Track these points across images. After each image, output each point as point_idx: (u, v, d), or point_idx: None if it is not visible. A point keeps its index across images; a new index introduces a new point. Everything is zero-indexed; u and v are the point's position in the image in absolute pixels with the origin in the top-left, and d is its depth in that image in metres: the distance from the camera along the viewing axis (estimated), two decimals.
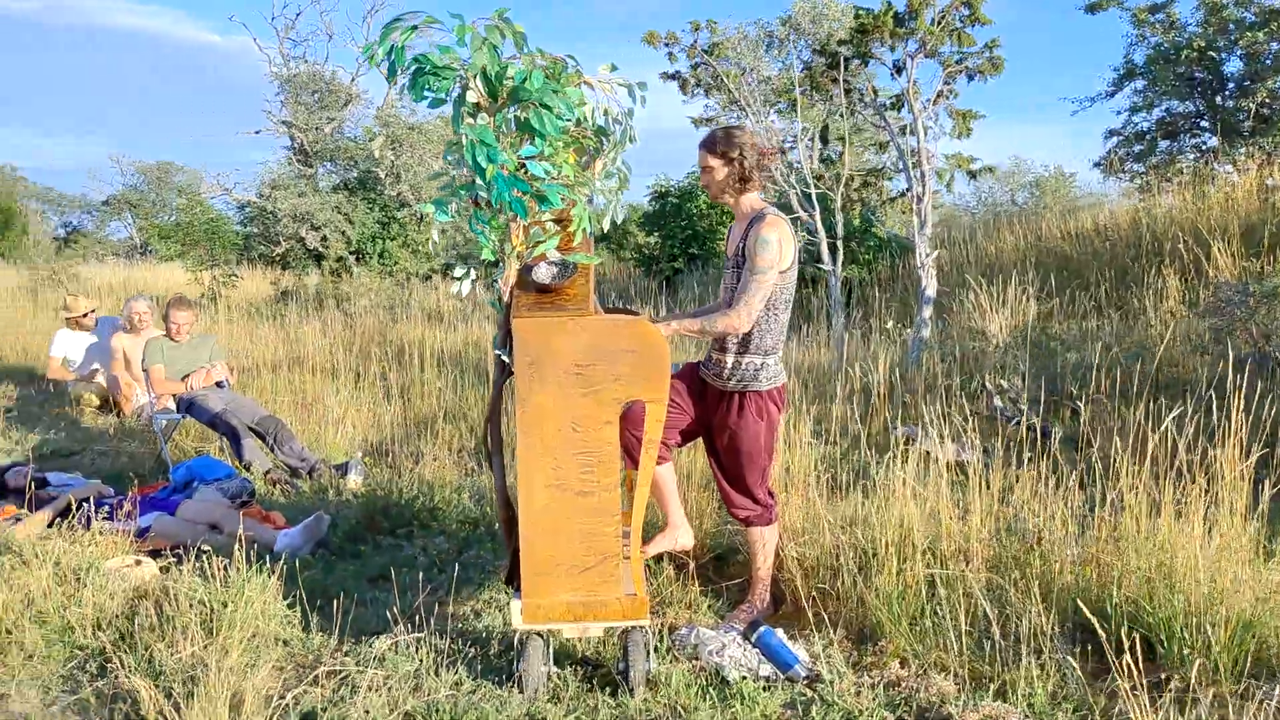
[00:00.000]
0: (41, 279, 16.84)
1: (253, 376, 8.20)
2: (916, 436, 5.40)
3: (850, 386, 6.61)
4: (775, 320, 3.72)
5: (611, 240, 21.89)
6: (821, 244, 9.02)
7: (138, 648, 3.57)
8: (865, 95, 10.31)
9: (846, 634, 3.66)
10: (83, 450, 6.88)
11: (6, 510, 5.15)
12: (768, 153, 3.84)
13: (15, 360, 10.05)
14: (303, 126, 20.61)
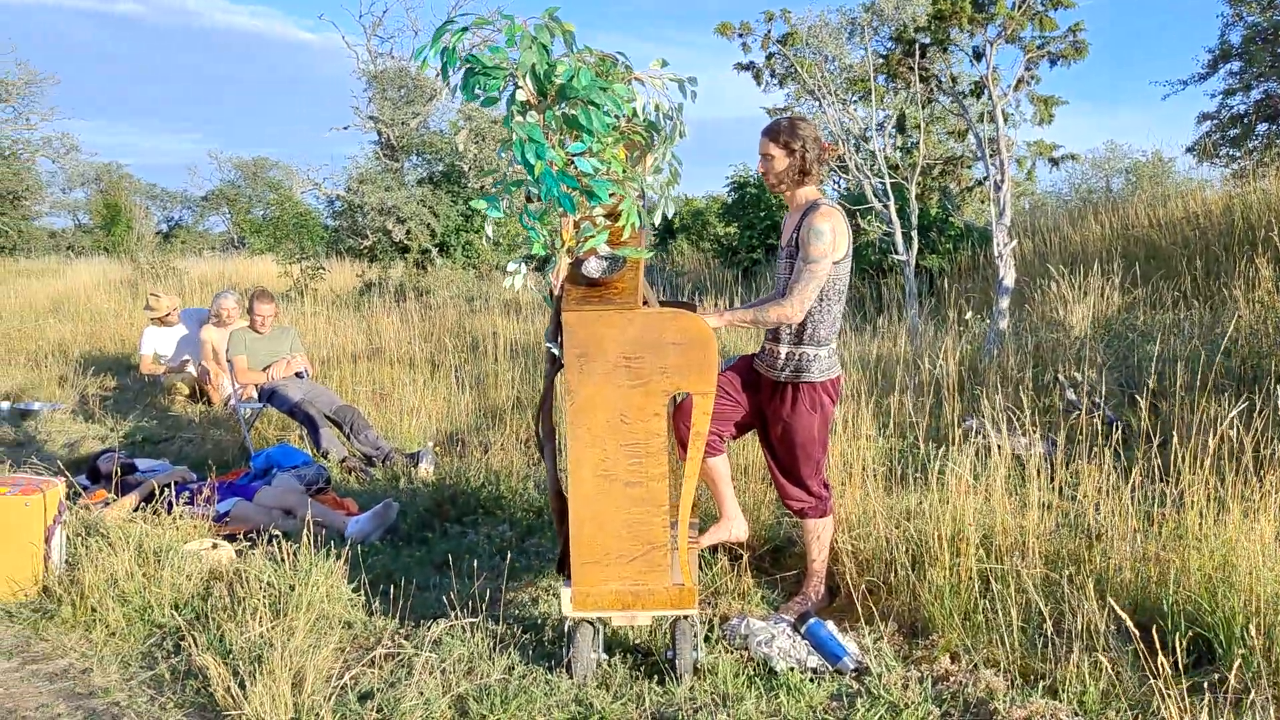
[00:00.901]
0: (141, 272, 17.52)
1: (333, 367, 8.44)
2: (984, 429, 5.33)
3: (919, 378, 6.53)
4: (829, 311, 3.72)
5: (691, 231, 21.90)
6: (896, 233, 8.91)
7: (210, 627, 3.74)
8: (944, 82, 10.14)
9: (898, 627, 3.65)
10: (172, 437, 7.17)
11: (97, 495, 5.42)
12: (828, 147, 3.83)
13: (114, 351, 10.50)
14: (389, 121, 21.02)
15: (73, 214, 39.67)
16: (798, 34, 9.70)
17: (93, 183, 39.07)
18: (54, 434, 7.33)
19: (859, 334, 8.77)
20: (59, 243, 35.16)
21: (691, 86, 3.41)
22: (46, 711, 3.32)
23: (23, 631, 3.99)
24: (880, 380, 6.75)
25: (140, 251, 22.56)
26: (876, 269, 12.05)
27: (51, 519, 4.40)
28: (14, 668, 3.68)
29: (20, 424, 7.61)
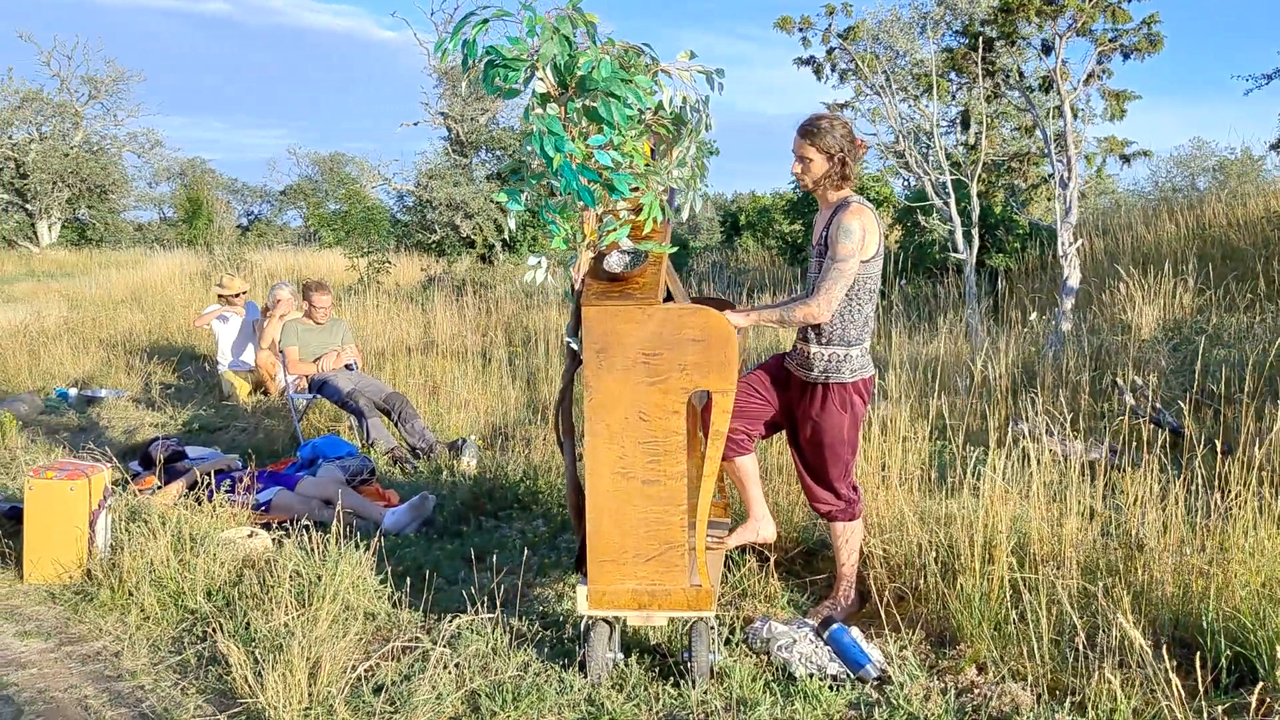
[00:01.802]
0: (216, 264, 17.95)
1: (387, 359, 8.53)
2: (1032, 434, 5.17)
3: (972, 379, 6.37)
4: (859, 311, 3.63)
5: (756, 228, 21.75)
6: (956, 232, 8.71)
7: (237, 614, 3.79)
8: (1010, 77, 9.89)
9: (926, 636, 3.55)
10: (226, 426, 7.31)
11: (147, 481, 5.53)
12: (861, 144, 3.74)
13: (180, 341, 10.76)
14: (458, 118, 21.21)
15: (158, 208, 40.83)
16: (860, 28, 9.53)
17: (177, 177, 40.12)
18: (115, 420, 7.53)
19: (913, 334, 8.59)
20: (145, 235, 36.18)
21: (719, 78, 3.35)
22: (75, 692, 3.39)
23: (63, 613, 4.09)
24: (929, 381, 6.60)
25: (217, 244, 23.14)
26: (939, 268, 11.81)
27: (96, 504, 4.50)
28: (51, 648, 3.77)
29: (85, 410, 7.83)
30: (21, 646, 3.78)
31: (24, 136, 31.73)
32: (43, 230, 31.74)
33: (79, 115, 32.74)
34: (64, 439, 6.88)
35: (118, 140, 34.02)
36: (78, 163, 30.95)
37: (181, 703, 3.28)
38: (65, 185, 31.01)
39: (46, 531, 4.41)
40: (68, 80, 32.61)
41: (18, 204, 31.86)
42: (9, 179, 31.37)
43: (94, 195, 32.05)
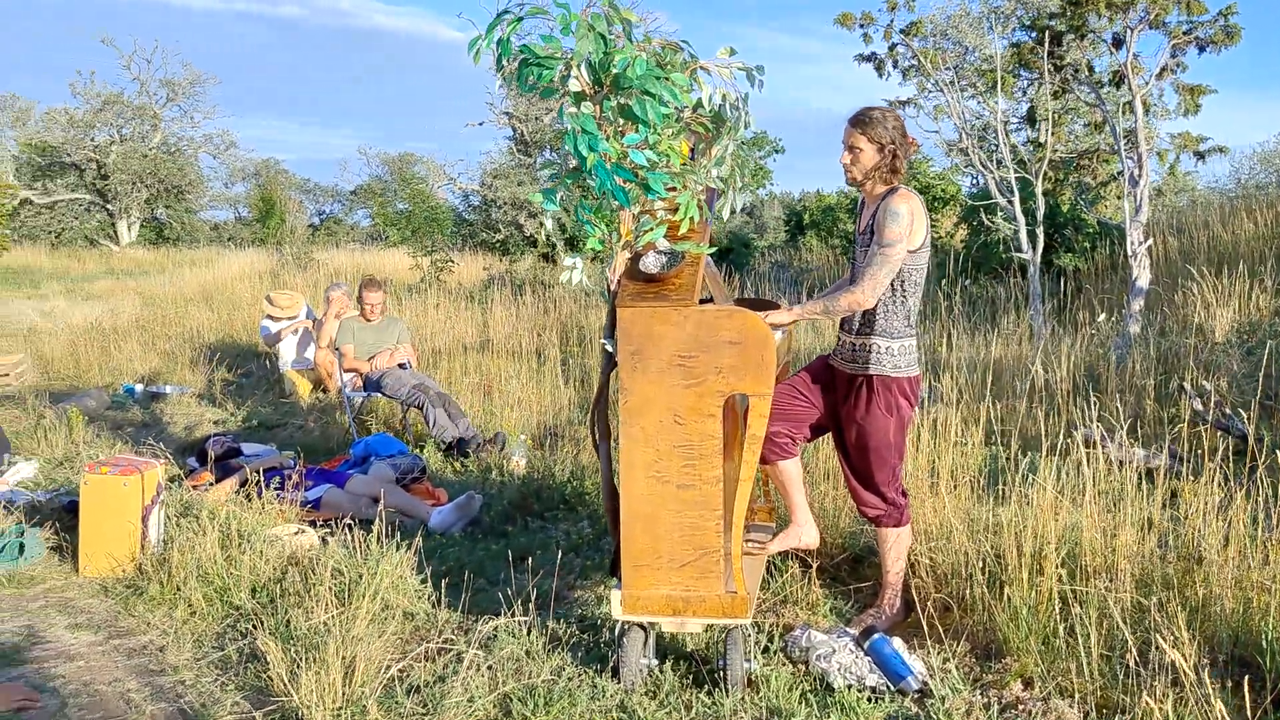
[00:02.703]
0: (285, 263, 18.29)
1: (443, 358, 8.59)
2: (1096, 439, 5.01)
3: (1032, 383, 6.20)
4: (902, 303, 3.54)
5: (821, 227, 21.52)
6: (1020, 231, 8.50)
7: (279, 611, 3.82)
8: (1079, 72, 9.63)
9: (971, 648, 3.45)
10: (284, 424, 7.42)
11: (202, 477, 5.63)
12: (912, 141, 3.64)
13: (244, 339, 10.96)
14: (522, 117, 21.32)
15: (233, 207, 41.80)
16: (922, 24, 9.35)
17: (252, 177, 40.99)
18: (178, 416, 7.69)
19: (975, 335, 8.40)
20: (220, 234, 37.04)
21: (759, 75, 3.29)
22: (118, 686, 3.44)
23: (114, 607, 4.16)
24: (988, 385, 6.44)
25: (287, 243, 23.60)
26: (1004, 267, 11.55)
27: (149, 499, 4.58)
28: (99, 641, 3.84)
29: (149, 406, 8.01)
30: (72, 639, 3.86)
31: (105, 138, 32.67)
32: (122, 229, 32.65)
33: (157, 117, 33.62)
34: (127, 434, 7.04)
35: (194, 142, 34.88)
36: (156, 164, 31.77)
37: (219, 699, 3.31)
38: (144, 186, 31.85)
39: (101, 526, 4.50)
40: (147, 83, 33.51)
41: (99, 204, 32.83)
42: (91, 180, 32.33)
43: (171, 195, 32.87)
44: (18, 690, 3.28)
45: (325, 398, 8.20)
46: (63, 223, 32.06)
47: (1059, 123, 9.49)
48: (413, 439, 6.71)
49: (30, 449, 6.64)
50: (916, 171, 16.70)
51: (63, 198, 32.09)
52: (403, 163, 41.07)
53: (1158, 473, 4.03)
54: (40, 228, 31.50)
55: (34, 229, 31.30)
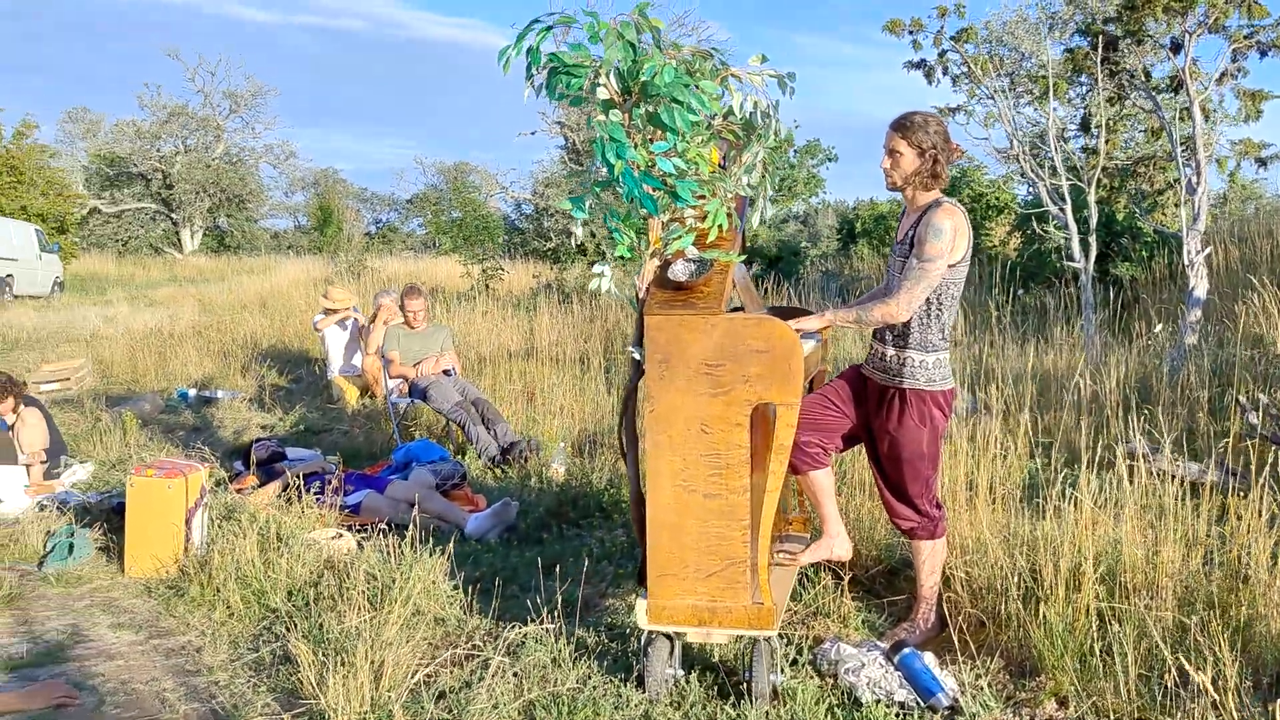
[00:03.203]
0: (339, 270, 18.56)
1: (488, 365, 8.64)
2: (1142, 453, 4.90)
3: (1079, 394, 6.07)
4: (938, 317, 3.48)
5: (873, 235, 21.33)
6: (1073, 240, 8.34)
7: (313, 615, 3.86)
8: (1136, 77, 9.44)
9: (1005, 665, 3.37)
10: (330, 429, 7.51)
11: (246, 480, 5.72)
12: (956, 148, 3.58)
13: (296, 346, 11.13)
14: (574, 126, 21.41)
15: (293, 215, 42.58)
16: (973, 30, 9.23)
17: (311, 186, 41.73)
18: (227, 421, 7.82)
19: (1026, 345, 8.26)
20: (280, 243, 37.75)
21: (790, 83, 3.26)
22: (155, 685, 3.50)
23: (156, 607, 4.24)
24: (1035, 395, 6.32)
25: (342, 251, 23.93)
26: (1059, 277, 11.35)
27: (193, 502, 4.66)
28: (140, 641, 3.91)
29: (201, 410, 8.16)
30: (114, 638, 3.94)
31: (170, 149, 33.50)
32: (186, 238, 33.42)
33: (220, 128, 34.39)
34: (179, 438, 7.18)
35: (255, 152, 35.63)
36: (218, 173, 32.49)
37: (251, 700, 3.35)
38: (207, 195, 32.58)
39: (145, 528, 4.59)
40: (210, 95, 34.32)
41: (164, 213, 33.64)
42: (156, 189, 33.15)
43: (232, 204, 33.59)
44: (58, 688, 3.36)
45: (372, 403, 8.30)
46: (129, 231, 32.91)
47: (1115, 129, 9.31)
48: (454, 446, 6.76)
49: (87, 451, 6.81)
50: (969, 179, 16.48)
51: (129, 207, 32.94)
52: (458, 171, 41.52)
53: (1204, 488, 3.92)
54: (108, 236, 32.38)
55: (102, 237, 32.18)
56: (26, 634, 3.95)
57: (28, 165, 24.90)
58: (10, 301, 18.15)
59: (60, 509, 5.39)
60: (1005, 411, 6.28)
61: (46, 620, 4.09)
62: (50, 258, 21.45)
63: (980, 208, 16.43)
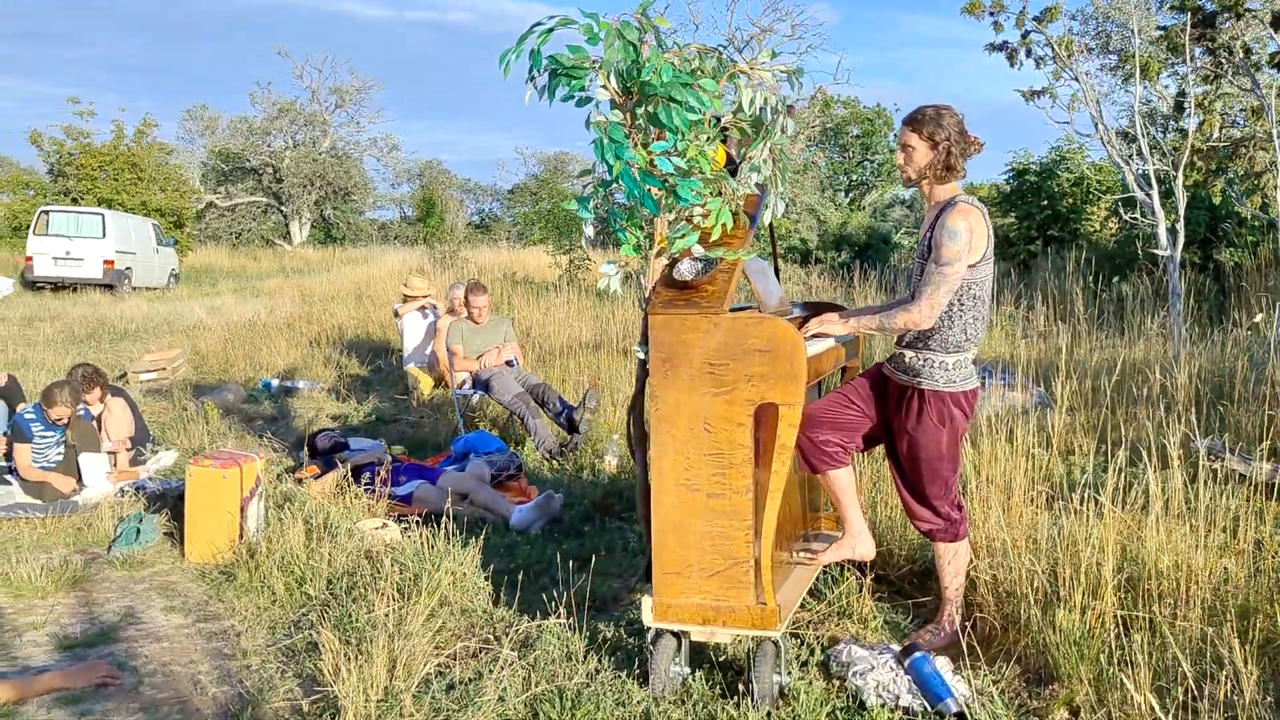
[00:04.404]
0: (435, 259, 18.96)
1: (557, 356, 8.74)
2: (1208, 451, 4.70)
3: (1151, 390, 5.84)
4: (960, 317, 3.40)
5: None
6: (1159, 225, 8.00)
7: (346, 603, 3.98)
8: (1234, 55, 8.98)
9: (1022, 672, 3.29)
10: (399, 419, 7.70)
11: (311, 469, 5.92)
12: (973, 140, 3.50)
13: (378, 336, 11.43)
14: None
15: (399, 207, 43.65)
16: (1057, 9, 8.90)
17: (416, 178, 42.66)
18: (304, 410, 8.09)
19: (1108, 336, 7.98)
20: (386, 234, 38.73)
21: (798, 79, 3.23)
22: (193, 668, 3.66)
23: (208, 592, 4.44)
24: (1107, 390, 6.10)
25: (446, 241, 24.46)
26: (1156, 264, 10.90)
27: (248, 491, 4.85)
28: (187, 624, 4.10)
29: (280, 400, 8.46)
30: (164, 620, 4.13)
31: (280, 144, 34.65)
32: (295, 230, 34.55)
33: (326, 123, 35.41)
34: (255, 427, 7.46)
35: (359, 145, 36.59)
36: (324, 167, 33.47)
37: (276, 685, 3.48)
38: (314, 188, 33.61)
39: (203, 515, 4.80)
40: (317, 91, 35.35)
41: (274, 206, 34.85)
42: (267, 183, 34.35)
43: (338, 197, 34.58)
44: (101, 668, 3.55)
45: (442, 394, 8.48)
46: (242, 224, 34.20)
47: (1210, 109, 8.88)
48: (516, 437, 6.87)
49: (171, 439, 7.13)
50: (1068, 162, 15.93)
51: (242, 201, 34.22)
52: (557, 161, 41.94)
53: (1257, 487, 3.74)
54: (222, 229, 33.70)
55: (217, 230, 33.52)
56: (86, 615, 4.17)
57: (147, 163, 26.09)
58: (129, 293, 19.05)
59: (136, 495, 5.67)
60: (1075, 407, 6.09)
61: (106, 602, 4.32)
62: (167, 251, 22.43)
63: (1079, 192, 15.88)
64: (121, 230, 20.04)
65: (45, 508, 5.48)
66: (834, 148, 30.95)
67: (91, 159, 25.18)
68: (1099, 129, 8.59)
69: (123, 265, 19.74)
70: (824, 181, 26.11)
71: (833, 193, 27.46)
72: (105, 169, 25.06)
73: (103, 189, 24.67)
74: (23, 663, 3.69)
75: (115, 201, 23.95)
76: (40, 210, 20.29)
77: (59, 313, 15.24)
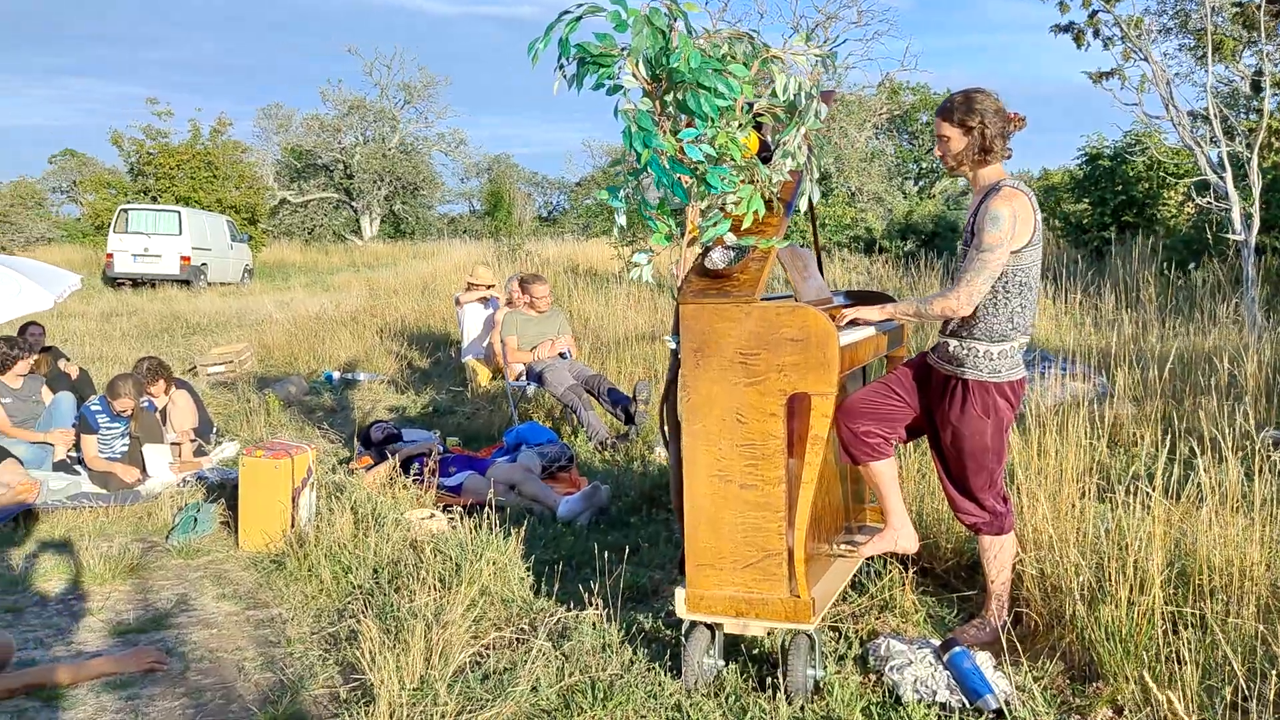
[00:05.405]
0: (501, 252, 19.11)
1: (612, 349, 8.74)
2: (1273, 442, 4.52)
3: (1217, 379, 5.64)
4: (1005, 304, 3.31)
5: (1043, 208, 20.31)
6: (1233, 209, 7.72)
7: (389, 592, 4.03)
8: None
9: (1067, 668, 3.20)
10: (453, 411, 7.78)
11: (363, 460, 6.00)
12: (1013, 118, 3.40)
13: (439, 329, 11.55)
14: None
15: (468, 201, 44.09)
16: None
17: (485, 172, 43.02)
18: (363, 402, 8.21)
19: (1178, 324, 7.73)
20: (455, 228, 39.14)
21: (832, 63, 3.16)
22: (239, 654, 3.74)
23: (258, 580, 4.52)
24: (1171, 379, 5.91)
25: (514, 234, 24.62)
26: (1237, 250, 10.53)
27: (300, 481, 4.94)
28: (236, 611, 4.18)
29: (340, 392, 8.60)
30: (215, 607, 4.22)
31: (351, 141, 35.20)
32: (365, 225, 35.11)
33: (395, 119, 35.88)
34: (315, 419, 7.59)
35: (428, 140, 37.00)
36: (393, 162, 33.93)
37: (317, 672, 3.53)
38: (383, 183, 34.10)
39: (256, 505, 4.89)
40: (387, 88, 35.83)
41: (345, 202, 35.44)
42: (338, 179, 34.94)
43: (407, 192, 35.04)
44: (150, 653, 3.63)
45: (498, 386, 8.54)
46: (314, 220, 34.84)
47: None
48: (570, 429, 6.89)
49: (235, 431, 7.29)
50: (1145, 145, 15.46)
51: (314, 197, 34.86)
52: (624, 154, 41.94)
53: None
54: (295, 225, 34.37)
55: (290, 226, 34.20)
56: (141, 601, 4.28)
57: (222, 160, 26.71)
58: (204, 289, 19.55)
59: (198, 484, 5.80)
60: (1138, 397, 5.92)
61: (161, 589, 4.42)
62: (241, 247, 22.96)
63: (1155, 176, 15.40)
64: (197, 227, 20.55)
65: (109, 497, 5.64)
66: (903, 135, 30.46)
67: (169, 158, 25.86)
68: (1169, 111, 8.31)
69: (198, 261, 20.25)
70: (891, 169, 25.72)
71: (901, 181, 27.03)
72: (182, 167, 25.72)
73: (180, 187, 25.32)
74: (77, 647, 3.80)
75: (192, 199, 24.57)
76: (120, 208, 20.91)
77: (136, 308, 15.70)
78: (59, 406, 6.52)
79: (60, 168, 36.46)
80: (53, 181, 36.15)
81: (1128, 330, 7.77)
